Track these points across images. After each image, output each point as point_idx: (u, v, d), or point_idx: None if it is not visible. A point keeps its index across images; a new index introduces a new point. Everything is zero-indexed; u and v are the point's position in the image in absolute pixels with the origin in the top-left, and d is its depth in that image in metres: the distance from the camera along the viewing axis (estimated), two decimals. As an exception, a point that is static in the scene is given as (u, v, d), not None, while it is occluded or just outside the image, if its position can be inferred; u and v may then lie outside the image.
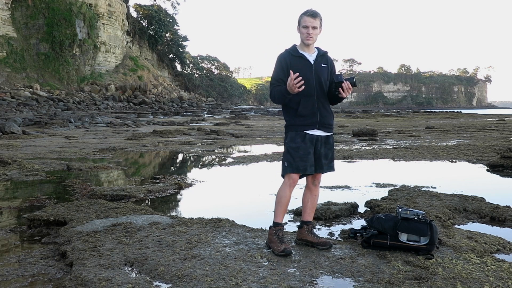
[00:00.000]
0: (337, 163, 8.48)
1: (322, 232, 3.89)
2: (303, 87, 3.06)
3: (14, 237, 3.78)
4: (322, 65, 3.29)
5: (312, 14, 3.22)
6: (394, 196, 4.91)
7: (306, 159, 3.21)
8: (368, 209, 4.64)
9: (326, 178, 6.07)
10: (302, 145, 3.20)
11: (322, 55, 3.33)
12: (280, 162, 3.37)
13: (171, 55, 78.34)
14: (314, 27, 3.21)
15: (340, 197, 5.21)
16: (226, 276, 2.71)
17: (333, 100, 3.34)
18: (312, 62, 3.26)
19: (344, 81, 3.16)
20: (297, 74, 3.04)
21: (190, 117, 30.97)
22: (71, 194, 5.56)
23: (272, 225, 3.30)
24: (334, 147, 3.54)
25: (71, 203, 4.60)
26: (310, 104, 3.22)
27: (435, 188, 5.77)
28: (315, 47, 3.32)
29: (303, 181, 3.49)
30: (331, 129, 3.34)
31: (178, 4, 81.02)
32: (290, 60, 3.24)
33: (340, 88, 3.17)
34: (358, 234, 3.39)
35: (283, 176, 3.31)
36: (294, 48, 3.31)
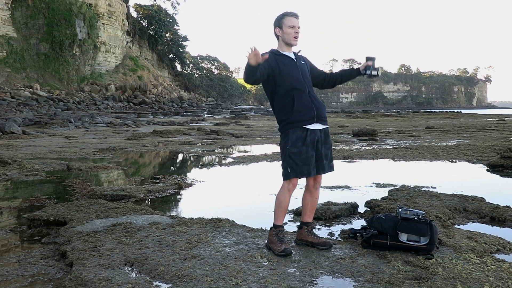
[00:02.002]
0: (337, 163, 8.50)
1: (322, 232, 3.89)
2: (266, 56, 3.00)
3: (14, 237, 3.78)
4: (302, 62, 3.36)
5: (296, 15, 3.26)
6: (394, 196, 4.91)
7: (309, 162, 3.19)
8: (368, 209, 4.63)
9: (326, 178, 6.06)
10: (304, 149, 3.18)
11: (298, 55, 3.38)
12: (280, 162, 3.35)
13: (171, 55, 78.33)
14: (299, 27, 3.24)
15: (340, 197, 5.21)
16: (226, 276, 2.71)
17: (337, 83, 3.53)
18: (295, 60, 3.31)
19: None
20: (255, 47, 2.92)
21: (190, 117, 30.96)
22: (71, 194, 5.56)
23: (272, 226, 3.30)
24: (334, 147, 3.54)
25: (71, 203, 4.60)
26: (304, 99, 3.22)
27: (435, 188, 5.77)
28: None
29: (302, 181, 3.48)
30: (326, 121, 3.37)
31: (178, 4, 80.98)
32: (276, 58, 3.25)
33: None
34: (358, 234, 3.39)
35: (285, 180, 3.28)
36: (275, 50, 3.33)
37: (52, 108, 33.81)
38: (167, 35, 75.79)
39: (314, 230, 3.49)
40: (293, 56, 3.32)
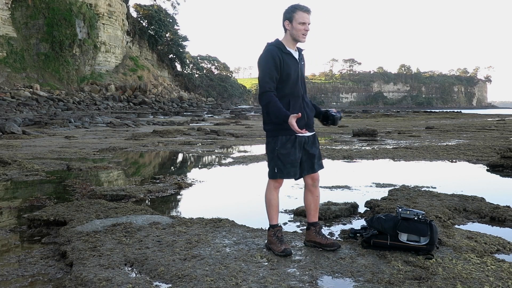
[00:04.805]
0: (337, 163, 8.52)
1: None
2: (304, 131, 3.08)
3: (14, 237, 3.78)
4: (302, 62, 3.27)
5: (308, 10, 3.11)
6: (394, 196, 4.91)
7: (296, 164, 3.19)
8: (368, 209, 4.63)
9: (326, 178, 6.08)
10: (293, 151, 3.15)
11: (301, 52, 3.27)
12: None
13: (171, 55, 78.32)
14: (309, 23, 3.13)
15: (340, 197, 5.21)
16: (226, 276, 2.71)
17: None
18: (298, 60, 3.21)
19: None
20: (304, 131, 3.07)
21: (190, 117, 30.97)
22: (71, 194, 5.56)
23: (269, 227, 3.29)
24: (334, 147, 3.51)
25: (71, 203, 4.60)
26: (298, 106, 3.17)
27: (435, 188, 5.77)
28: None
29: (300, 181, 3.47)
30: (313, 128, 3.34)
31: (178, 4, 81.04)
32: (281, 56, 3.11)
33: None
34: (358, 234, 3.39)
35: (271, 178, 3.25)
36: (281, 43, 3.17)
37: (52, 108, 33.82)
38: (167, 35, 75.78)
39: (322, 230, 3.45)
40: (296, 55, 3.20)
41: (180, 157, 9.95)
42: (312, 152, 3.26)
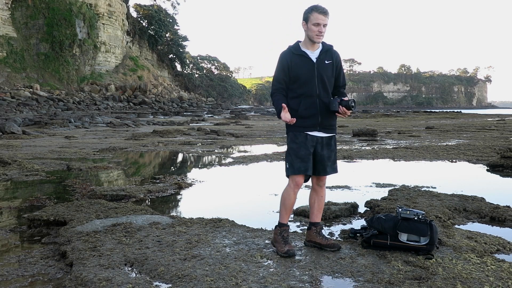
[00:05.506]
0: (337, 163, 8.46)
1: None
2: (295, 120, 3.11)
3: (14, 237, 3.78)
4: (326, 61, 3.19)
5: (324, 11, 3.10)
6: (394, 196, 4.91)
7: (307, 159, 3.15)
8: (368, 209, 4.63)
9: (326, 178, 6.07)
10: (303, 146, 3.15)
11: (327, 51, 3.21)
12: (282, 162, 3.34)
13: (171, 55, 78.29)
14: (325, 25, 3.11)
15: (340, 197, 5.21)
16: (226, 276, 2.71)
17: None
18: (314, 60, 3.16)
19: (340, 107, 3.13)
20: (293, 119, 3.10)
21: (190, 117, 30.97)
22: (71, 194, 5.56)
23: (277, 225, 3.29)
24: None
25: (71, 203, 4.60)
26: (311, 105, 3.15)
27: (435, 188, 5.77)
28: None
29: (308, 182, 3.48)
30: (333, 129, 3.27)
31: (178, 4, 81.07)
32: (291, 59, 3.16)
33: (336, 113, 3.19)
34: (358, 234, 3.39)
35: (287, 176, 3.27)
36: (296, 45, 3.21)
37: (52, 108, 33.80)
38: (167, 35, 75.74)
39: (322, 231, 3.45)
40: (313, 55, 3.17)
41: (180, 157, 9.95)
42: (323, 154, 3.22)
